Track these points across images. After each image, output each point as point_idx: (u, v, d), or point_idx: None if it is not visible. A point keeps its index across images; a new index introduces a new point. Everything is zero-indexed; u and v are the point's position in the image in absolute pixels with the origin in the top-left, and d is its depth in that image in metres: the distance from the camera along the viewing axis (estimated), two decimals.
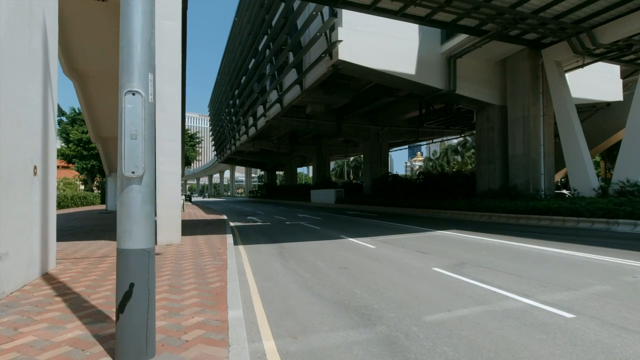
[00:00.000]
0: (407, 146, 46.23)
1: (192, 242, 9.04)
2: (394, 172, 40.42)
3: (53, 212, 5.68)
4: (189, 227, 13.48)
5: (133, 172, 2.63)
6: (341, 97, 24.13)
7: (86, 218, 18.88)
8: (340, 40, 16.51)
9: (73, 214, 22.05)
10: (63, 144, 38.57)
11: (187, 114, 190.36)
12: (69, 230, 12.51)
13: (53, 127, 5.67)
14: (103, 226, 14.18)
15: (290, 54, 22.19)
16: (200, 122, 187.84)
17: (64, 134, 37.53)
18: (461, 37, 18.02)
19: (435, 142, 45.79)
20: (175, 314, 3.73)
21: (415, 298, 5.17)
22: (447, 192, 23.07)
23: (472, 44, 17.15)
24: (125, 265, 2.61)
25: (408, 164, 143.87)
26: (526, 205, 15.47)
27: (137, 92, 2.66)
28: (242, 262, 7.80)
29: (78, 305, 4.00)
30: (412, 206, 23.62)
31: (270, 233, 13.63)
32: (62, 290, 4.57)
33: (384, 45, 17.57)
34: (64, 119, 39.43)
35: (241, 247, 9.97)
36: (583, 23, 15.51)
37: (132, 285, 2.59)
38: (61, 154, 37.14)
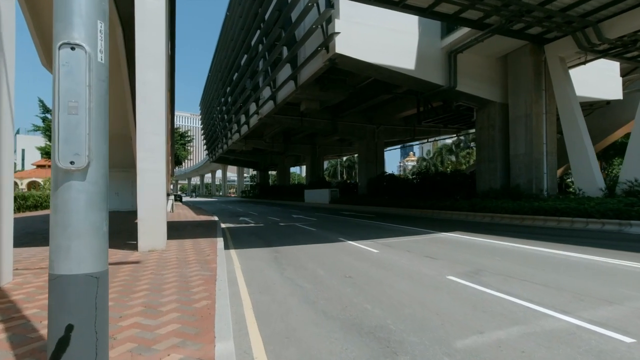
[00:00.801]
0: (400, 146, 45.68)
1: (178, 247, 8.17)
2: (388, 172, 39.70)
3: (8, 216, 4.80)
4: (177, 230, 12.58)
5: (72, 163, 1.81)
6: (337, 93, 23.35)
7: None
8: (338, 33, 15.72)
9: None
10: (48, 142, 37.18)
11: (178, 113, 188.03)
12: (43, 234, 11.52)
13: (9, 122, 4.76)
14: None
15: (285, 48, 21.35)
16: (191, 121, 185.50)
17: (47, 132, 36.15)
18: (462, 31, 17.37)
19: (430, 142, 45.34)
20: (146, 350, 2.90)
21: (437, 315, 4.41)
22: (445, 192, 22.44)
23: (474, 38, 16.50)
24: (60, 298, 1.79)
25: (400, 164, 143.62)
26: (530, 206, 14.86)
27: (78, 45, 1.83)
28: (233, 270, 6.97)
29: (22, 337, 3.14)
30: (409, 206, 22.93)
31: (264, 235, 12.80)
32: (9, 313, 3.71)
33: (382, 39, 16.83)
34: (49, 116, 38.01)
35: (233, 252, 9.13)
36: (590, 17, 14.95)
37: (69, 328, 1.77)
38: (45, 152, 35.77)
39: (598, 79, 21.53)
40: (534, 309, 4.56)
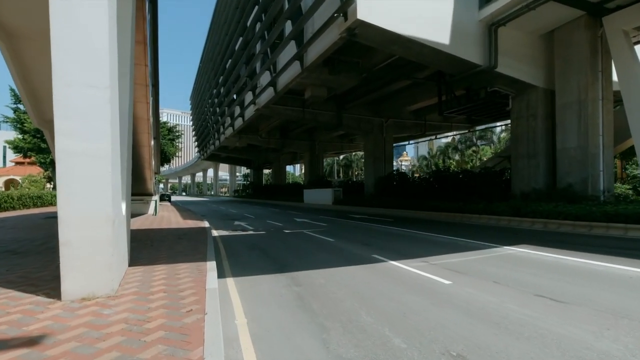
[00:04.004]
0: (407, 142, 42.60)
1: (139, 286, 4.94)
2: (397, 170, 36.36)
3: None
4: (151, 244, 9.31)
5: None
6: (348, 78, 20.17)
7: (23, 227, 14.41)
8: None
9: (7, 220, 17.42)
10: (18, 135, 33.34)
11: (168, 111, 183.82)
12: None
13: None
14: (41, 239, 9.82)
15: (289, 23, 18.12)
16: (182, 119, 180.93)
17: (18, 125, 32.32)
18: (505, 0, 14.37)
19: (437, 138, 42.55)
20: None
21: None
22: (470, 193, 19.44)
23: (525, 5, 13.52)
24: None
25: (394, 164, 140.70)
26: (602, 210, 11.90)
27: None
28: (236, 337, 3.80)
29: None
30: (428, 209, 19.91)
31: (270, 250, 9.61)
32: None
33: (411, 6, 13.75)
34: (20, 106, 34.16)
35: (231, 286, 5.93)
36: None
37: None
38: (14, 147, 31.95)
39: None
40: None
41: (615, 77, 15.12)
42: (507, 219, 15.07)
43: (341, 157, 76.14)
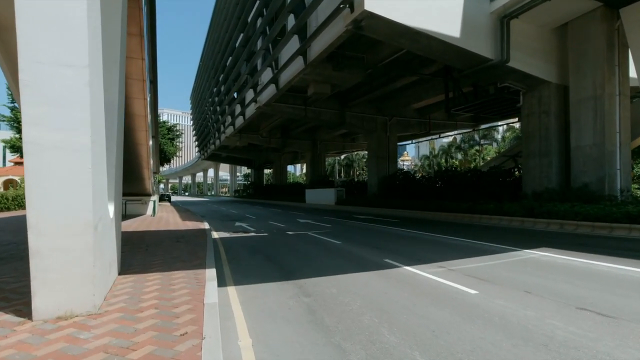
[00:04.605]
0: (410, 142, 41.87)
1: (128, 300, 4.32)
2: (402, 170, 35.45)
3: None
4: (146, 249, 8.70)
5: None
6: (352, 74, 19.51)
7: (13, 229, 13.81)
8: None
9: (2, 220, 16.83)
10: (15, 135, 32.73)
11: (168, 111, 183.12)
12: None
13: None
14: (23, 242, 9.21)
15: (291, 17, 17.46)
16: (182, 119, 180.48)
17: (15, 124, 31.72)
18: None
19: (442, 137, 41.91)
20: None
21: None
22: (478, 193, 18.80)
23: None
24: None
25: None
26: (624, 211, 11.26)
27: None
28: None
29: None
30: (435, 209, 19.29)
31: (273, 254, 8.98)
32: None
33: None
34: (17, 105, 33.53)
35: (233, 297, 5.31)
36: None
37: None
38: (11, 147, 31.35)
39: None
40: None
41: (633, 72, 14.50)
42: (520, 220, 14.44)
43: (342, 156, 75.43)
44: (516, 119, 32.95)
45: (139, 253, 7.69)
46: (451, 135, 49.53)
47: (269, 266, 7.53)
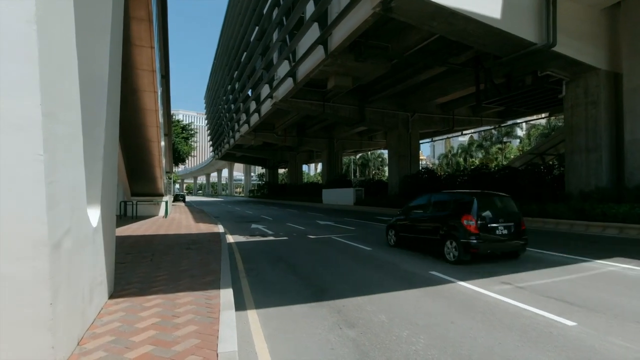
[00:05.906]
0: (429, 140, 40.15)
1: (112, 343, 3.15)
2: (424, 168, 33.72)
3: None
4: (150, 259, 7.60)
5: None
6: (376, 65, 18.17)
7: None
8: None
9: None
10: None
11: (183, 112, 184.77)
12: None
13: None
14: None
15: (310, 5, 16.24)
16: (197, 120, 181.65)
17: None
18: None
19: (465, 134, 40.11)
20: None
21: None
22: (514, 192, 17.16)
23: None
24: None
25: None
26: None
27: None
28: None
29: None
30: None
31: (298, 263, 7.75)
32: None
33: None
34: None
35: (255, 327, 4.09)
36: None
37: None
38: None
39: None
40: None
41: None
42: (568, 223, 12.88)
43: (357, 156, 73.89)
44: (547, 114, 31.04)
45: (142, 264, 6.58)
46: (474, 132, 47.61)
47: (295, 280, 6.31)
